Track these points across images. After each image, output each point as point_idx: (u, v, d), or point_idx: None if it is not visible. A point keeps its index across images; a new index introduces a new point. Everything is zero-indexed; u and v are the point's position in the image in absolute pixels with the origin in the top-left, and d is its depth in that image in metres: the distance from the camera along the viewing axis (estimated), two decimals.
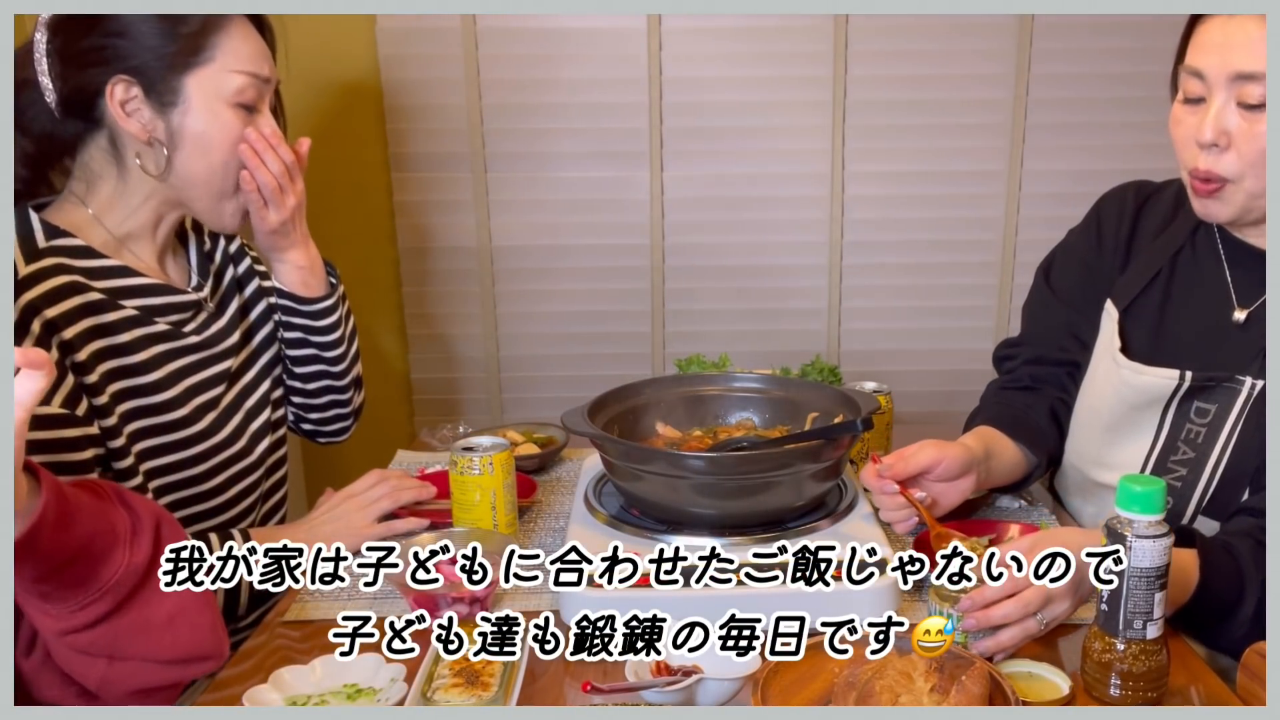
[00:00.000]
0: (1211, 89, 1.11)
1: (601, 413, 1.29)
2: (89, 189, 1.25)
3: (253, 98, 1.25)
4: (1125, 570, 0.93)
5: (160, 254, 1.31)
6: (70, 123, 1.22)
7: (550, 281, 2.28)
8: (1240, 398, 1.18)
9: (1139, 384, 1.24)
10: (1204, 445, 1.20)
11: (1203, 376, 1.20)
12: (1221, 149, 1.11)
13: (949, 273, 2.27)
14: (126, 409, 1.20)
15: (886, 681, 0.90)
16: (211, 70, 1.21)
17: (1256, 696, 0.95)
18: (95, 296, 1.18)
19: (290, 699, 0.97)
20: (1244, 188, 1.12)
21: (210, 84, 1.21)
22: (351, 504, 1.31)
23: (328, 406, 1.47)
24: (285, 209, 1.32)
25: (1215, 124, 1.11)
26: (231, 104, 1.23)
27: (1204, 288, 1.25)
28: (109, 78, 1.18)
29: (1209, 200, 1.16)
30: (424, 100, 2.19)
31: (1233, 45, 1.08)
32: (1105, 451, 1.29)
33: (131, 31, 1.18)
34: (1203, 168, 1.13)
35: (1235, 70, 1.08)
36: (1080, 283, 1.38)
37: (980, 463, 1.28)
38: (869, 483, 1.25)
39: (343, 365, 1.45)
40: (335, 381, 1.45)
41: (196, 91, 1.20)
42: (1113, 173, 1.43)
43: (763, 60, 2.15)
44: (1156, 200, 1.34)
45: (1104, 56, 2.14)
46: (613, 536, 1.16)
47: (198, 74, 1.20)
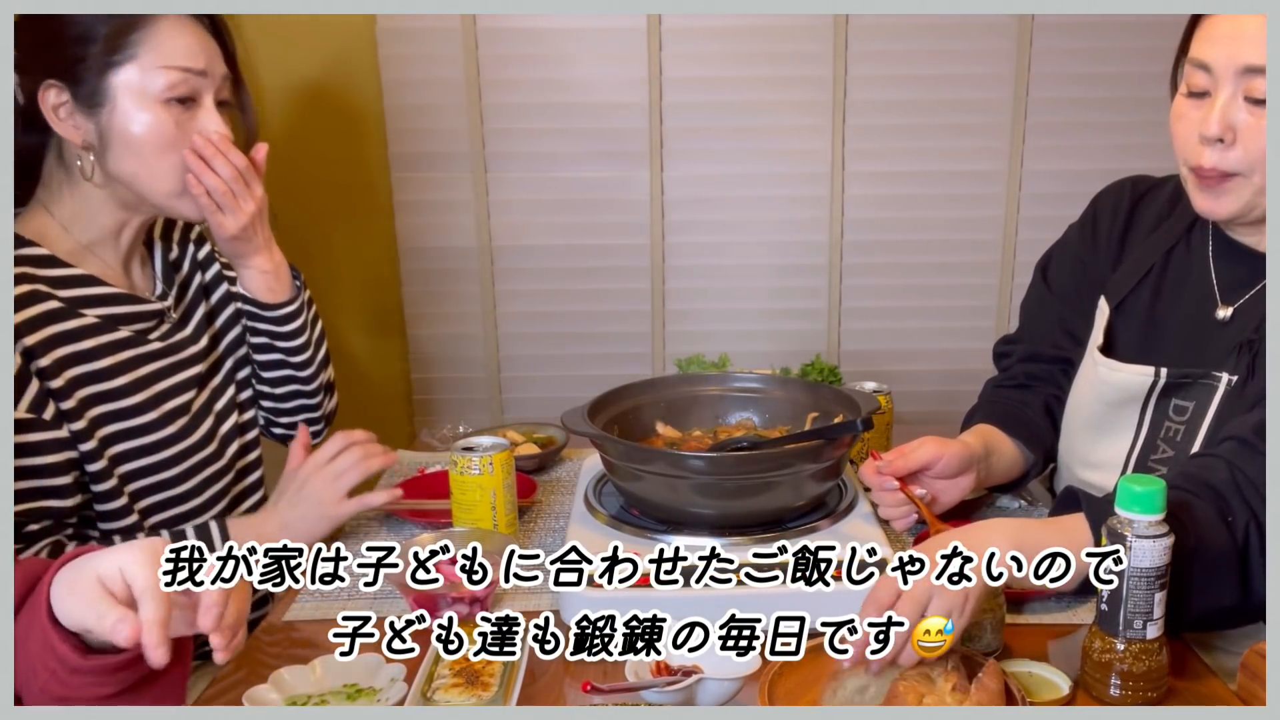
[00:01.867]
0: (1218, 82, 1.09)
1: (601, 413, 1.29)
2: (52, 198, 1.24)
3: (185, 93, 1.21)
4: (1125, 570, 0.93)
5: (125, 261, 1.29)
6: (31, 133, 1.20)
7: (550, 281, 2.29)
8: (1217, 395, 1.17)
9: (1115, 381, 1.24)
10: (1183, 443, 1.19)
11: (1178, 373, 1.19)
12: (1227, 144, 1.10)
13: (949, 272, 2.27)
14: (96, 414, 1.20)
15: (909, 682, 0.91)
16: (136, 68, 1.18)
17: (1256, 696, 0.95)
18: (55, 305, 1.18)
19: (290, 699, 0.97)
20: (1252, 182, 1.11)
21: (136, 82, 1.18)
22: (318, 480, 1.28)
23: (296, 411, 1.45)
24: (242, 214, 1.29)
25: (1221, 118, 1.09)
26: (162, 100, 1.19)
27: (1191, 285, 1.24)
28: (39, 83, 1.17)
29: (1213, 194, 1.13)
30: (424, 100, 2.19)
31: (1242, 38, 1.06)
32: (1088, 450, 1.29)
33: (56, 36, 1.16)
34: (1207, 165, 1.11)
35: (1244, 63, 1.06)
36: (1075, 279, 1.38)
37: (980, 460, 1.28)
38: (868, 479, 1.25)
39: (309, 370, 1.43)
40: (303, 386, 1.43)
41: (123, 91, 1.18)
42: (1113, 173, 1.43)
43: (763, 60, 2.15)
44: (1153, 196, 1.34)
45: (1104, 56, 2.14)
46: (613, 536, 1.16)
47: (122, 73, 1.18)
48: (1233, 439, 1.08)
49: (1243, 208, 1.13)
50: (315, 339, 1.44)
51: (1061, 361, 1.39)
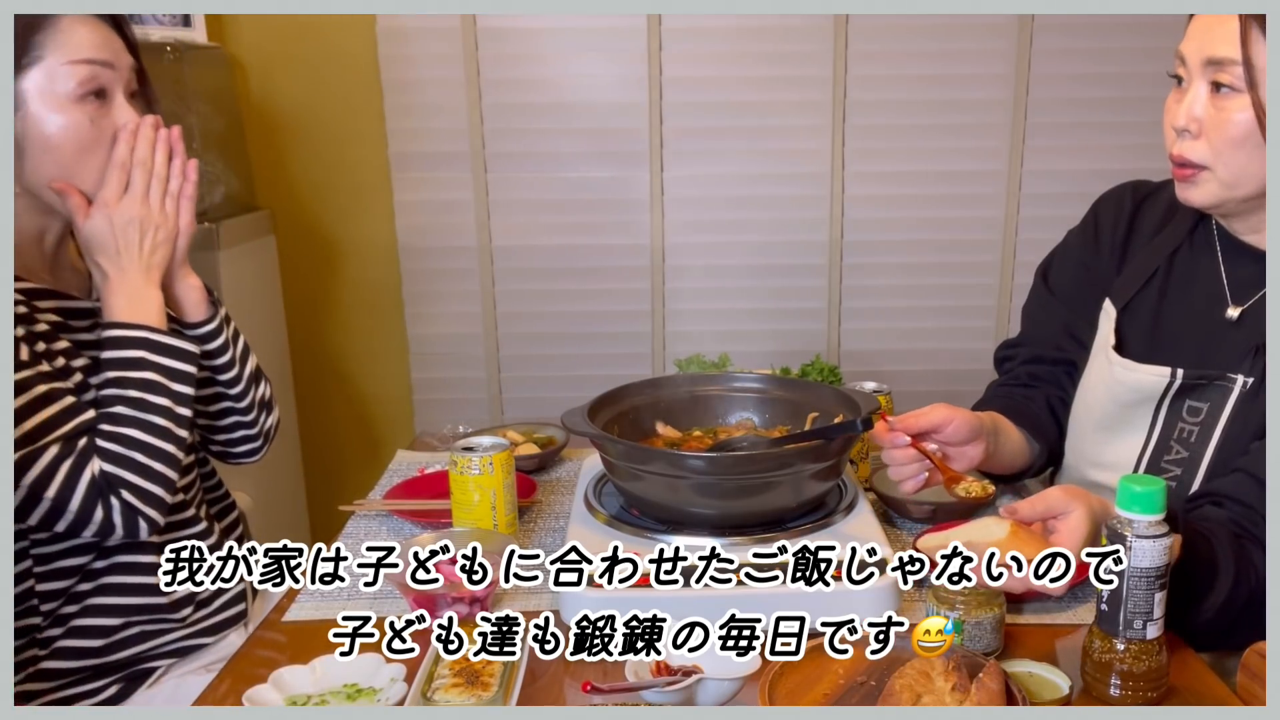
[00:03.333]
0: (1191, 74, 1.13)
1: (601, 413, 1.29)
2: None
3: (96, 88, 1.18)
4: (1125, 570, 0.93)
5: (51, 266, 1.26)
6: None
7: (550, 281, 2.29)
8: (1232, 396, 1.17)
9: (1130, 381, 1.24)
10: (1197, 445, 1.20)
11: (1194, 374, 1.19)
12: (1193, 135, 1.13)
13: (949, 273, 2.27)
14: None
15: (906, 680, 0.91)
16: (45, 67, 1.15)
17: (1256, 696, 0.95)
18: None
19: (290, 699, 0.97)
20: (1217, 176, 1.14)
21: (46, 82, 1.16)
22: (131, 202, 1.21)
23: (233, 428, 1.40)
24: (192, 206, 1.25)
25: (1188, 110, 1.13)
26: (74, 99, 1.17)
27: (1199, 285, 1.25)
28: None
29: (1185, 185, 1.17)
30: (424, 100, 2.19)
31: (1210, 32, 1.10)
32: (1099, 450, 1.29)
33: None
34: (1175, 153, 1.15)
35: (1208, 55, 1.10)
36: (1078, 282, 1.38)
37: (989, 433, 1.27)
38: (879, 439, 1.22)
39: (239, 387, 1.37)
40: (235, 404, 1.37)
41: (34, 94, 1.16)
42: (1113, 173, 1.43)
43: (763, 60, 2.15)
44: (1154, 200, 1.34)
45: (1104, 56, 2.14)
46: (613, 536, 1.16)
47: (31, 74, 1.15)
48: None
49: (1213, 199, 1.16)
50: (240, 354, 1.38)
51: (1065, 364, 1.39)
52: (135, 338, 1.21)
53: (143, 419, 1.19)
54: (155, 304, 1.24)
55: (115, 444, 1.17)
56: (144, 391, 1.20)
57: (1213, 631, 1.07)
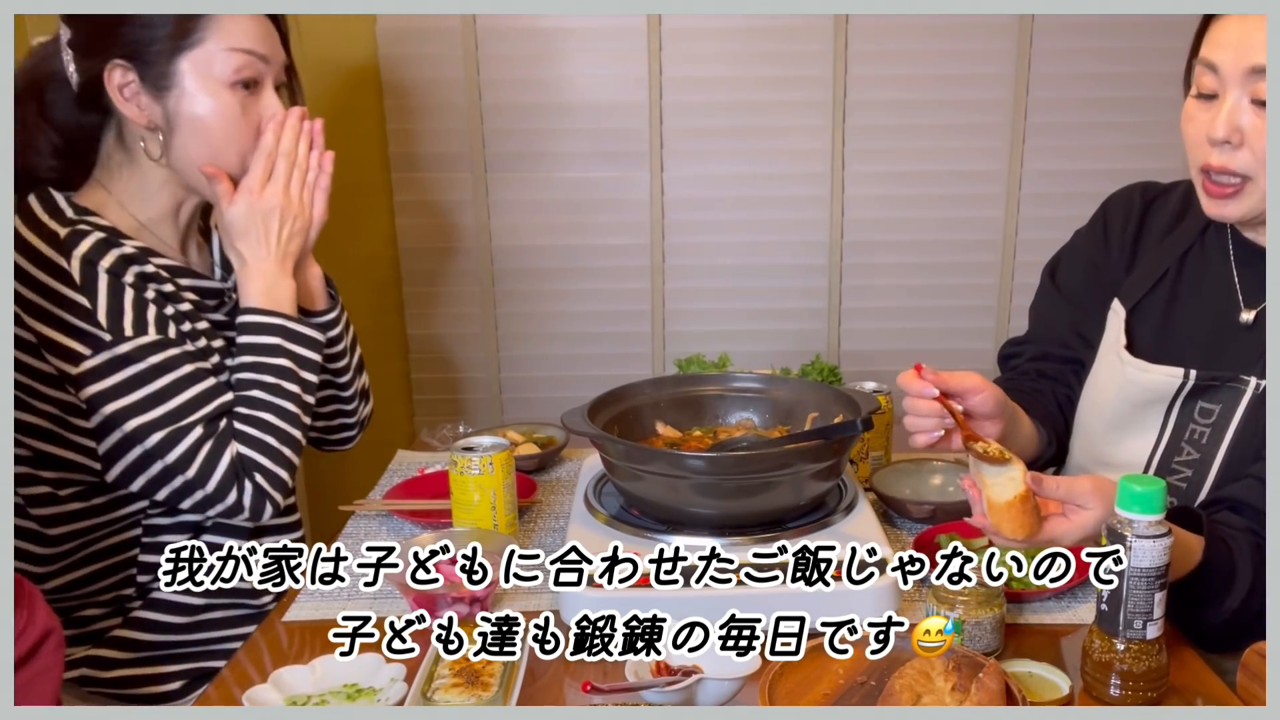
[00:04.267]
0: (1226, 84, 1.10)
1: (601, 413, 1.29)
2: (110, 176, 1.26)
3: (250, 76, 1.23)
4: (1125, 570, 0.93)
5: (182, 241, 1.31)
6: (89, 113, 1.24)
7: (550, 281, 2.28)
8: (1245, 399, 1.17)
9: (1143, 381, 1.24)
10: (1209, 446, 1.19)
11: (1207, 376, 1.19)
12: (1234, 146, 1.10)
13: (949, 273, 2.27)
14: None
15: (906, 681, 0.91)
16: (205, 51, 1.20)
17: (1256, 696, 0.95)
18: (130, 250, 1.19)
19: (290, 699, 0.97)
20: (1259, 185, 1.11)
21: (204, 65, 1.20)
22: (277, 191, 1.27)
23: (333, 415, 1.46)
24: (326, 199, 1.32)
25: (1229, 120, 1.09)
26: (228, 84, 1.21)
27: (1211, 287, 1.24)
28: (106, 64, 1.19)
29: (1222, 201, 1.14)
30: (424, 100, 2.19)
31: (1250, 40, 1.07)
32: (1108, 450, 1.29)
33: (126, 18, 1.18)
34: (1216, 164, 1.12)
35: (1251, 64, 1.07)
36: (1086, 282, 1.37)
37: (1010, 414, 1.23)
38: (906, 385, 1.16)
39: (347, 376, 1.43)
40: (340, 391, 1.44)
41: (191, 73, 1.20)
42: (1113, 173, 1.43)
43: (763, 60, 2.15)
44: (1164, 201, 1.34)
45: (1104, 56, 2.13)
46: (613, 536, 1.16)
47: (191, 55, 1.19)
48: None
49: (1250, 211, 1.14)
50: (351, 344, 1.44)
51: (1072, 363, 1.39)
52: (272, 324, 1.25)
53: (277, 404, 1.23)
54: (289, 292, 1.29)
55: (252, 428, 1.21)
56: (279, 378, 1.23)
57: (1224, 636, 1.07)
